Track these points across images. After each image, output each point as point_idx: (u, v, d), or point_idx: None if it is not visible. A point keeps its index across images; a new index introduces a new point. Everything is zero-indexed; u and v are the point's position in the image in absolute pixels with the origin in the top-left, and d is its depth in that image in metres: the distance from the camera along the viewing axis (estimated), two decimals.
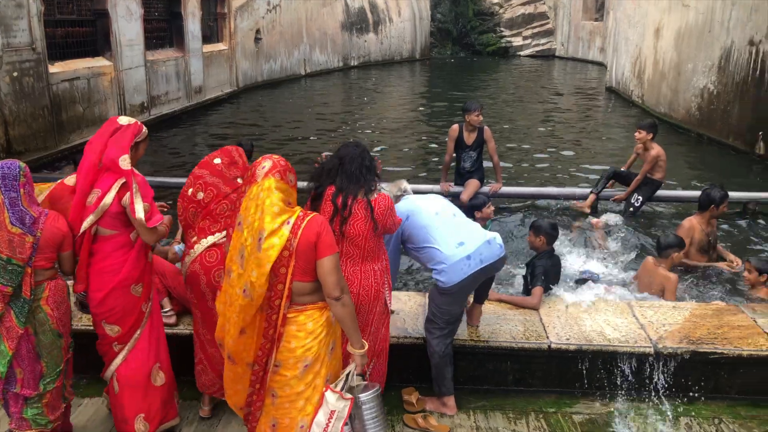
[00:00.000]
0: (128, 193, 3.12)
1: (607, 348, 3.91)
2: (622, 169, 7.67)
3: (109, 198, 3.11)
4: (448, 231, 3.60)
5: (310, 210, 3.14)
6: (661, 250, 5.23)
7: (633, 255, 6.18)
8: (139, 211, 3.11)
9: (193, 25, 15.46)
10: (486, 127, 7.25)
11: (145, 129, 3.34)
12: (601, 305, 4.43)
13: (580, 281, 5.31)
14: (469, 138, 7.23)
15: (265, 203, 2.72)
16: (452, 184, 7.55)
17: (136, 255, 3.25)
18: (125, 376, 3.30)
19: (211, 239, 3.36)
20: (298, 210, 2.83)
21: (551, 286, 4.65)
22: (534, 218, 6.03)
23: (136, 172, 3.20)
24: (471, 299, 4.00)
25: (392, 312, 4.24)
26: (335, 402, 2.83)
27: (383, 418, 3.01)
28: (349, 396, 2.86)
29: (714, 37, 11.50)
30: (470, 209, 6.12)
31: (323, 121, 15.01)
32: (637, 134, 7.37)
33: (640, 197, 7.30)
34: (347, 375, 2.92)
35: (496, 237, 3.71)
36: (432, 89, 22.02)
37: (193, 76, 15.55)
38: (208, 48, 16.58)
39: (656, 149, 7.28)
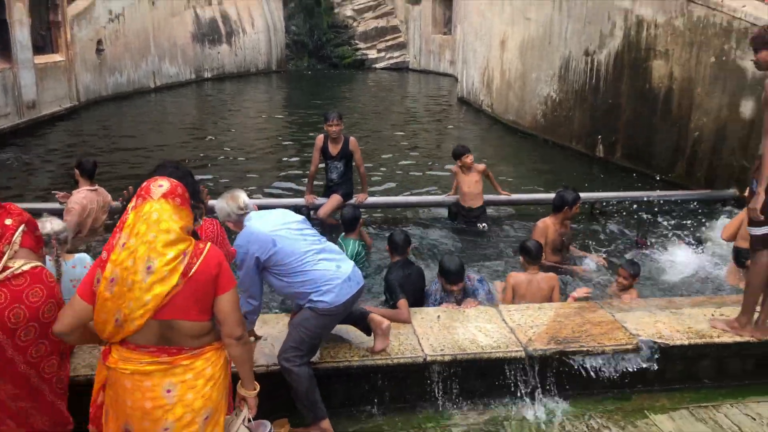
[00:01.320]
0: None
1: (480, 355, 3.88)
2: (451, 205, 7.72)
3: None
4: (323, 254, 3.53)
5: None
6: (533, 258, 5.21)
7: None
8: None
9: (21, 33, 14.03)
10: (352, 138, 7.15)
11: None
12: (472, 312, 4.42)
13: None
14: (334, 148, 7.09)
15: (160, 225, 2.37)
16: (317, 196, 7.36)
17: None
18: None
19: None
20: (192, 240, 2.50)
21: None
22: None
23: None
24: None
25: (259, 338, 3.96)
26: None
27: None
28: None
29: (554, 47, 12.29)
30: (350, 222, 5.94)
31: (175, 135, 14.21)
32: (469, 158, 7.43)
33: (484, 224, 7.44)
34: (243, 420, 2.67)
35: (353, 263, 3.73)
36: (291, 101, 21.74)
37: (24, 90, 14.11)
38: (42, 59, 15.14)
39: (482, 165, 7.53)
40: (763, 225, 3.95)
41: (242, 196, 3.61)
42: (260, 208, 3.76)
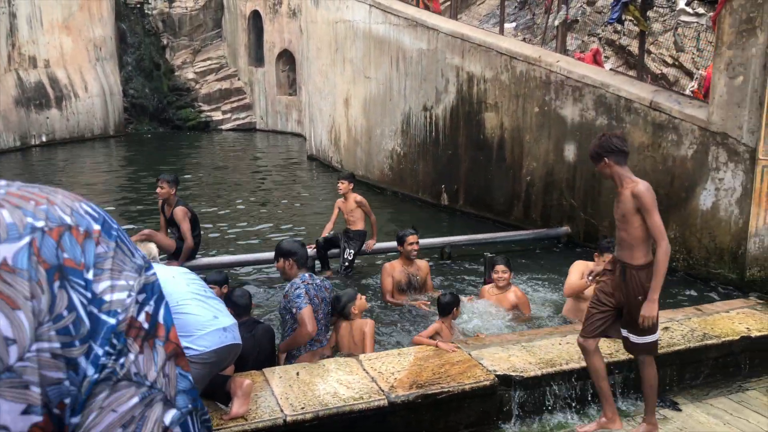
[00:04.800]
0: None
1: (343, 409, 3.74)
2: (324, 237, 7.75)
3: None
4: (202, 303, 3.53)
5: None
6: (341, 311, 5.03)
7: None
8: None
9: None
10: (177, 208, 6.75)
11: None
12: (332, 365, 4.29)
13: None
14: (168, 212, 6.82)
15: None
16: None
17: None
18: None
19: None
20: None
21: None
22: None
23: None
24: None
25: None
26: None
27: None
28: None
29: (395, 104, 12.81)
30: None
31: None
32: (340, 185, 7.59)
33: (351, 251, 7.50)
34: None
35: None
36: (132, 166, 20.66)
37: None
38: None
39: (359, 197, 7.65)
40: (648, 334, 3.91)
41: (152, 247, 3.87)
42: None
